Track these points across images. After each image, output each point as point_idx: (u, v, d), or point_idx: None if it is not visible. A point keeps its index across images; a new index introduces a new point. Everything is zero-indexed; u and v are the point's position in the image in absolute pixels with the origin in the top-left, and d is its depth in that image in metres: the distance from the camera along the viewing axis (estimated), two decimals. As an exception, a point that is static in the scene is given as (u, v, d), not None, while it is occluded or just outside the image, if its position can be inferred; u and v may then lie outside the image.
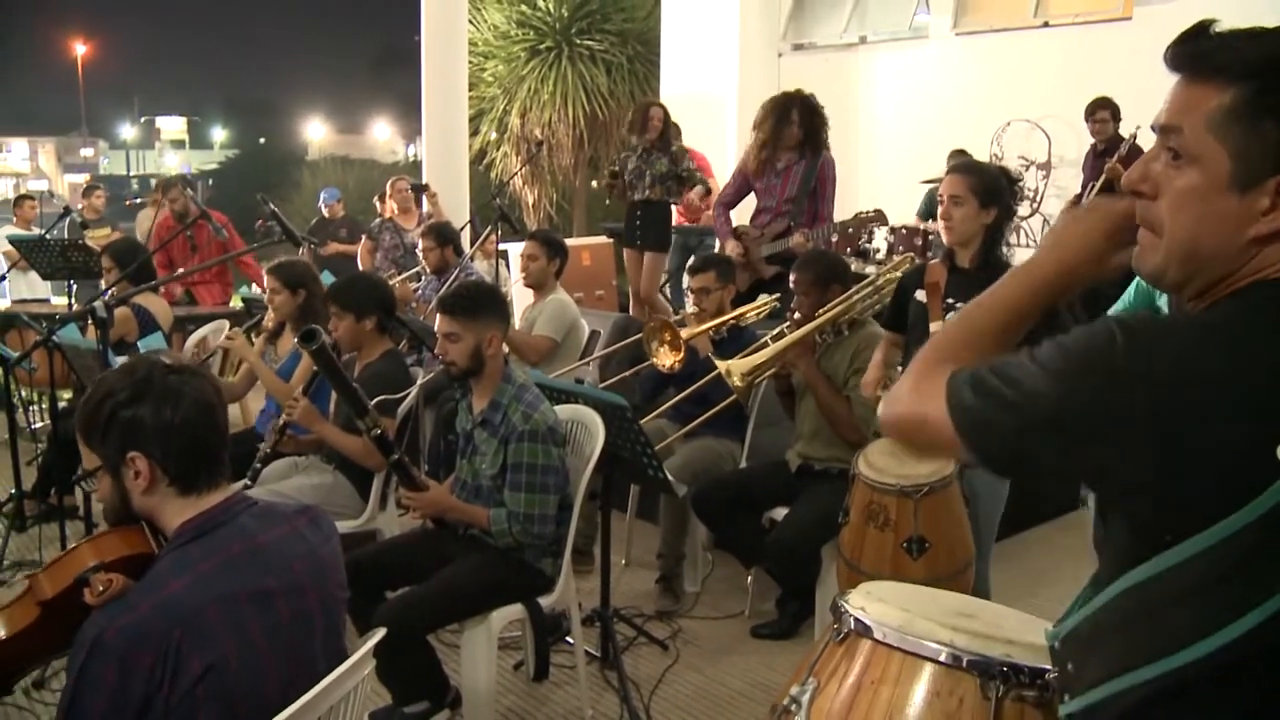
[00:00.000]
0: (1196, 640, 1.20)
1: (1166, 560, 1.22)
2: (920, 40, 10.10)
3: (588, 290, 8.51)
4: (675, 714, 3.88)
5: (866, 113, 10.34)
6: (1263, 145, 1.24)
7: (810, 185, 6.13)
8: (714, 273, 4.91)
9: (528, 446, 3.46)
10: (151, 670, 1.81)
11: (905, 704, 1.82)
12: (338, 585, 2.17)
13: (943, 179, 3.86)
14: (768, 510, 4.43)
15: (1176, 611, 1.23)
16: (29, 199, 10.97)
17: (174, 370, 2.02)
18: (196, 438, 2.00)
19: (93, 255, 7.49)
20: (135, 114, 78.92)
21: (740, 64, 10.77)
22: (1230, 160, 1.25)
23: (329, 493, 4.24)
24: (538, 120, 15.40)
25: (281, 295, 4.86)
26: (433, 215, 8.63)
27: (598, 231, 11.13)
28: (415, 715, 3.55)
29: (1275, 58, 1.25)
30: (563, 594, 3.67)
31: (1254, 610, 1.17)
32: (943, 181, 3.82)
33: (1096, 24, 8.71)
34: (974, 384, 1.31)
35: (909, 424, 1.42)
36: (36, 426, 7.14)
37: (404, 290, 6.56)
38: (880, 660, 1.88)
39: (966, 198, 3.69)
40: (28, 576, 2.07)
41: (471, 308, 3.59)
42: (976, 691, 1.76)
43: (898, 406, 1.43)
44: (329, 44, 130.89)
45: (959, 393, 1.32)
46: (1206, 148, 1.27)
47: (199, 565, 1.94)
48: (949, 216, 3.71)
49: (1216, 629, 1.19)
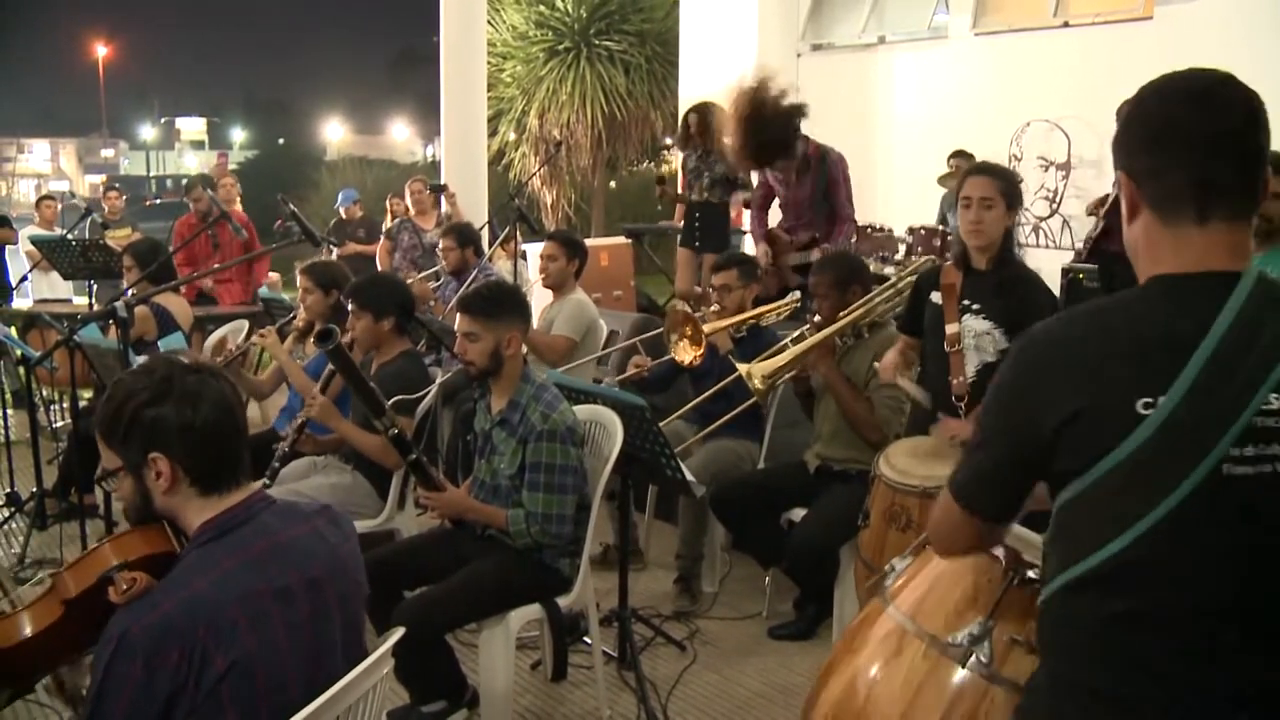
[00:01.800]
0: (1090, 554, 1.54)
1: (1067, 494, 1.58)
2: (939, 40, 10.07)
3: (606, 291, 8.51)
4: (693, 714, 3.87)
5: (885, 113, 10.31)
6: None
7: (824, 187, 6.11)
8: (736, 271, 4.90)
9: (546, 446, 3.46)
10: (177, 667, 1.82)
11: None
12: (356, 583, 2.17)
13: (962, 180, 3.81)
14: (786, 511, 4.42)
15: (1080, 531, 1.58)
16: (49, 199, 11.04)
17: (194, 370, 2.02)
18: (217, 438, 2.00)
19: (113, 255, 7.52)
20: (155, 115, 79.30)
21: (759, 64, 10.73)
22: None
23: (347, 492, 4.25)
24: (556, 121, 15.43)
25: (314, 295, 4.88)
26: (451, 216, 8.64)
27: (616, 232, 11.12)
28: (433, 714, 3.56)
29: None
30: (581, 594, 3.66)
31: (1127, 531, 1.51)
32: (968, 183, 3.74)
33: (1117, 24, 8.67)
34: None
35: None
36: (58, 425, 7.19)
37: (422, 288, 6.56)
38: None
39: (997, 200, 3.64)
40: (50, 575, 2.07)
41: (491, 308, 3.59)
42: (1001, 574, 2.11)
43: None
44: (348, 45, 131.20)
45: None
46: None
47: (222, 563, 1.94)
48: (980, 220, 3.63)
49: (1102, 545, 1.53)
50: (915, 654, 2.08)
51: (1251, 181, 1.56)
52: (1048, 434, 1.57)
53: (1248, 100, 1.54)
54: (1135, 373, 1.51)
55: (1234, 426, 1.46)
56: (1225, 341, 1.47)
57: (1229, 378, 1.47)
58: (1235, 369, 1.47)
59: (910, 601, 2.19)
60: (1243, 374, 1.47)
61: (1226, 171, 1.54)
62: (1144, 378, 1.50)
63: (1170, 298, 1.55)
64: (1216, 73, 1.57)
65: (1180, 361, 1.48)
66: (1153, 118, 1.59)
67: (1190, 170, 1.54)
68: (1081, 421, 1.53)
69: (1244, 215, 1.56)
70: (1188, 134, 1.54)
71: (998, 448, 1.68)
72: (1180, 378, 1.47)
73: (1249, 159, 1.55)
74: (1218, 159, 1.54)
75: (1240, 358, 1.47)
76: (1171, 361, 1.48)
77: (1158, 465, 1.49)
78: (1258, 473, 1.48)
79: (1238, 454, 1.47)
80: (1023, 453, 1.63)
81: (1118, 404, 1.51)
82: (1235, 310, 1.49)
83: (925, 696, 2.03)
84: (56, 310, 7.67)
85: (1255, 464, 1.48)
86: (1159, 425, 1.48)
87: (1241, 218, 1.56)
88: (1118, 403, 1.51)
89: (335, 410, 4.19)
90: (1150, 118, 1.59)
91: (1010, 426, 1.65)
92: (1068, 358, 1.58)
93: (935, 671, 2.05)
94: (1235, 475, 1.47)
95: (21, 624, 2.03)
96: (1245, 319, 1.48)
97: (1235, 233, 1.55)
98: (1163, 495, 1.48)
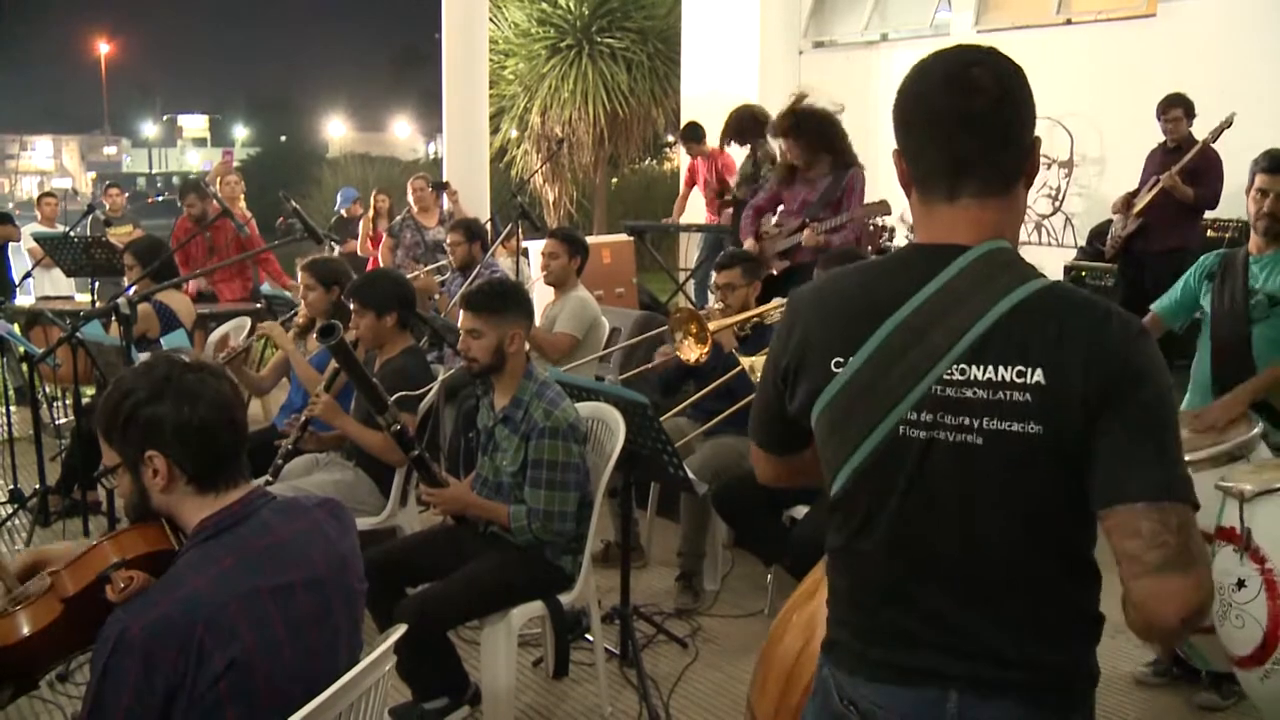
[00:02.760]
0: (830, 485, 1.68)
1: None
2: (942, 38, 10.05)
3: (608, 288, 8.50)
4: (694, 712, 3.87)
5: (887, 111, 10.19)
6: None
7: (834, 197, 6.03)
8: (740, 269, 4.89)
9: (549, 444, 3.47)
10: (175, 666, 1.82)
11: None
12: (357, 579, 2.17)
13: None
14: (788, 508, 4.42)
15: (822, 465, 1.71)
16: (50, 197, 11.06)
17: (193, 369, 2.02)
18: (214, 438, 2.00)
19: (115, 252, 7.53)
20: (157, 112, 79.49)
21: (761, 61, 10.77)
22: None
23: (349, 489, 4.25)
24: (558, 118, 15.42)
25: (316, 292, 4.88)
26: (454, 213, 8.65)
27: (618, 229, 11.12)
28: (435, 712, 3.56)
29: None
30: (582, 591, 3.67)
31: (837, 475, 1.64)
32: None
33: (1120, 21, 8.66)
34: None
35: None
36: (60, 422, 7.20)
37: (428, 282, 6.56)
38: None
39: None
40: (50, 574, 2.07)
41: (495, 304, 3.59)
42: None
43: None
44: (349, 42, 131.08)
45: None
46: None
47: (220, 561, 1.94)
48: None
49: (833, 478, 1.66)
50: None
51: (999, 160, 1.59)
52: (780, 379, 1.72)
53: (999, 80, 1.56)
54: (839, 332, 1.62)
55: (913, 391, 1.54)
56: (920, 311, 1.55)
57: (917, 344, 1.54)
58: (925, 336, 1.54)
59: None
60: (931, 342, 1.53)
61: (974, 151, 1.57)
62: (843, 338, 1.61)
63: (905, 265, 1.63)
64: (973, 51, 1.60)
65: (877, 325, 1.57)
66: (910, 99, 1.63)
67: (941, 151, 1.59)
68: (795, 371, 1.68)
69: (995, 193, 1.59)
70: (939, 116, 1.58)
71: (762, 388, 1.83)
72: (869, 340, 1.57)
73: (997, 138, 1.58)
74: (967, 140, 1.57)
75: (931, 327, 1.54)
76: (870, 324, 1.58)
77: (848, 420, 1.61)
78: (931, 438, 1.55)
79: (914, 418, 1.56)
80: (769, 392, 1.78)
81: (819, 360, 1.63)
82: (942, 282, 1.55)
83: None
84: (59, 307, 7.68)
85: (929, 429, 1.55)
86: (845, 383, 1.60)
87: (992, 195, 1.59)
88: (819, 358, 1.64)
89: (338, 407, 4.19)
90: (908, 99, 1.63)
91: (768, 368, 1.77)
92: (806, 310, 1.70)
93: None
94: (911, 438, 1.56)
95: (20, 623, 2.03)
96: (949, 290, 1.55)
97: (984, 210, 1.59)
98: (852, 448, 1.60)
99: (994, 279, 1.54)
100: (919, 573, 1.61)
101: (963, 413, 1.53)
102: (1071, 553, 1.59)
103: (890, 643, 1.64)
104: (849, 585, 1.71)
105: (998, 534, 1.56)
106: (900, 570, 1.62)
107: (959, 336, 1.52)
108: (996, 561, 1.57)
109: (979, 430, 1.53)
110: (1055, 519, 1.55)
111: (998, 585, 1.57)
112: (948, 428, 1.54)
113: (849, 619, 1.71)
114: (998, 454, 1.52)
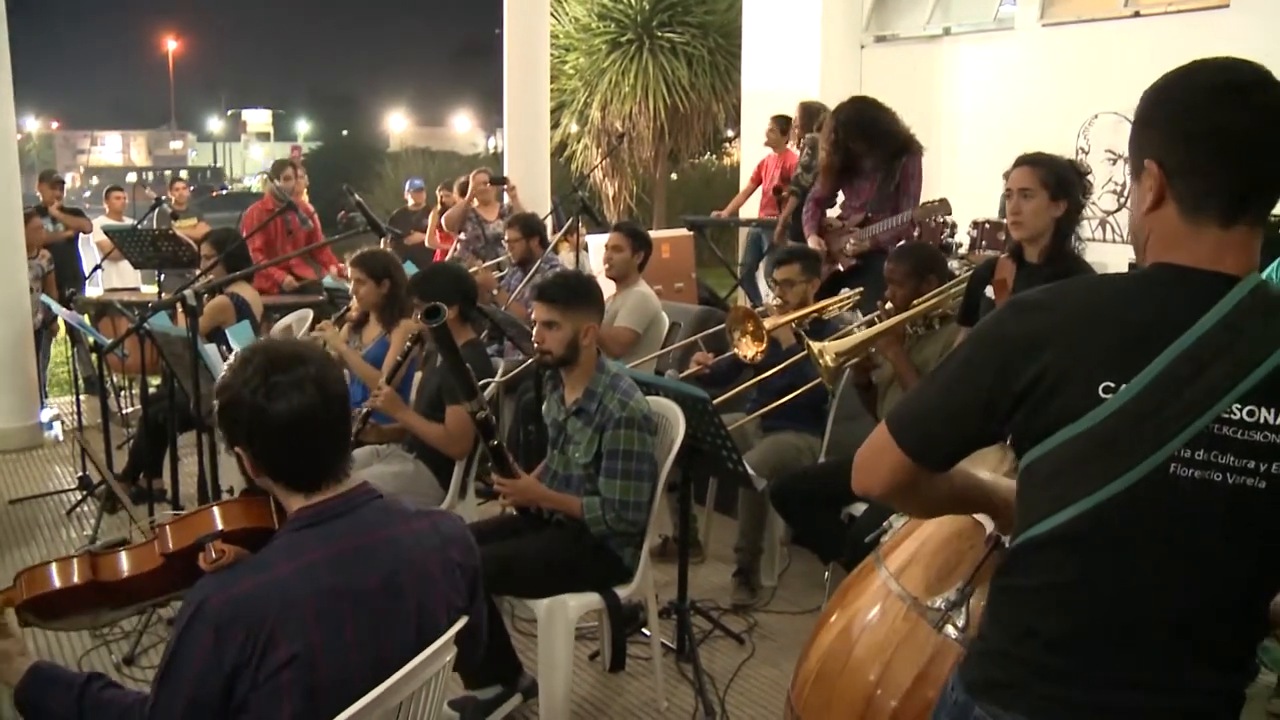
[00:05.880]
0: (1035, 523, 1.58)
1: (1026, 459, 1.59)
2: (1005, 31, 9.91)
3: (667, 283, 8.48)
4: (750, 708, 3.87)
5: (950, 106, 10.18)
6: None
7: (891, 187, 6.01)
8: (799, 265, 4.85)
9: (624, 434, 3.47)
10: (241, 646, 1.85)
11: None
12: (441, 594, 2.12)
13: (1009, 173, 3.78)
14: (847, 505, 4.39)
15: (1032, 498, 1.60)
16: (118, 190, 11.27)
17: (285, 366, 1.98)
18: (296, 442, 1.99)
19: (181, 245, 7.65)
20: (222, 107, 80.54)
21: (822, 56, 10.68)
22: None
23: (409, 481, 4.28)
24: (618, 113, 15.42)
25: (366, 285, 4.92)
26: (512, 208, 8.69)
27: (678, 224, 11.10)
28: (489, 702, 3.58)
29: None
30: (640, 586, 3.67)
31: (1069, 507, 1.53)
32: (1011, 175, 3.73)
33: (1191, 12, 8.49)
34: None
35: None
36: (127, 411, 7.33)
37: (486, 277, 6.59)
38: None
39: (1036, 190, 3.61)
40: (156, 526, 2.15)
41: (571, 297, 3.60)
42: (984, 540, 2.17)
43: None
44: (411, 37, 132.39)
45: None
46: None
47: (310, 554, 1.96)
48: (1019, 210, 3.63)
49: (1045, 517, 1.56)
50: (897, 614, 2.23)
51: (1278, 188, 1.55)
52: (1010, 393, 1.56)
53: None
54: (1106, 354, 1.51)
55: (1190, 428, 1.46)
56: (1201, 342, 1.47)
57: (1196, 378, 1.46)
58: (1204, 371, 1.46)
59: (898, 562, 2.32)
60: (1211, 377, 1.46)
61: (1265, 179, 1.52)
62: (1113, 361, 1.50)
63: (1167, 288, 1.54)
64: (1253, 68, 1.52)
65: (1152, 353, 1.48)
66: (1197, 115, 1.53)
67: (1233, 175, 1.51)
68: (1044, 389, 1.53)
69: (1263, 220, 1.55)
70: (1234, 137, 1.50)
71: (955, 393, 1.64)
72: (1147, 369, 1.47)
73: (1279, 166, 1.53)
74: (1265, 164, 1.51)
75: (1212, 361, 1.46)
76: (1144, 351, 1.48)
77: (1108, 449, 1.50)
78: (1204, 478, 1.48)
79: (1188, 455, 1.47)
80: (966, 401, 1.61)
81: (1083, 381, 1.50)
82: (1221, 314, 1.48)
83: (903, 655, 2.17)
84: (126, 298, 7.81)
85: (1204, 469, 1.48)
86: (1114, 411, 1.48)
87: (1261, 223, 1.55)
88: (1083, 380, 1.51)
89: (400, 399, 4.22)
90: (1194, 114, 1.53)
91: (973, 375, 1.61)
92: (1051, 325, 1.55)
93: (914, 633, 2.18)
94: (1180, 476, 1.48)
95: (122, 564, 2.15)
96: (1228, 323, 1.47)
97: (1254, 237, 1.54)
98: (1106, 480, 1.50)
99: (1273, 315, 1.49)
100: (1150, 616, 1.55)
101: (1246, 455, 1.47)
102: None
103: (1102, 687, 1.57)
104: (1054, 626, 1.59)
105: (1245, 582, 1.54)
106: (1127, 616, 1.55)
107: (1244, 374, 1.46)
108: (1235, 603, 1.55)
109: (1263, 474, 1.48)
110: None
111: (1227, 629, 1.57)
112: (1227, 469, 1.48)
113: (1044, 661, 1.60)
114: (1277, 500, 1.49)
